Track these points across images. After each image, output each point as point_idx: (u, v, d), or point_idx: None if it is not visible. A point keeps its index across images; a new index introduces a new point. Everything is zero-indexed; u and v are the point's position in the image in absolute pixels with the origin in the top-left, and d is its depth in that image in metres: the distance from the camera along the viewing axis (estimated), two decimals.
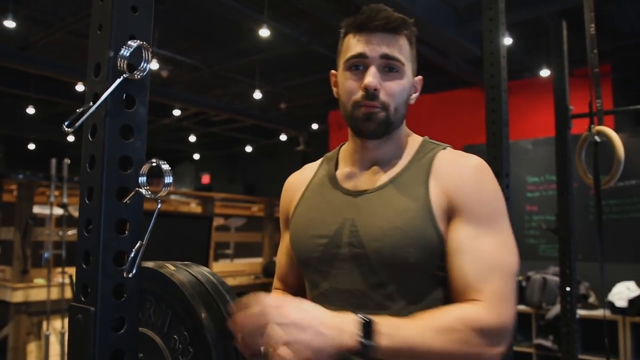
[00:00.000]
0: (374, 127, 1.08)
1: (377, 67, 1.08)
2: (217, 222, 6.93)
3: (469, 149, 1.21)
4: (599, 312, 5.02)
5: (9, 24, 5.42)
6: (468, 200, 1.03)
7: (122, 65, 0.64)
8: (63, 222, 4.45)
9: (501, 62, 2.01)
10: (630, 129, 5.89)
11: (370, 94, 1.06)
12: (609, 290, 5.15)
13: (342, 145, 1.26)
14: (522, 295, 5.46)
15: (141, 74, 0.65)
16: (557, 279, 4.97)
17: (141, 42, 0.65)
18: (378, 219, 1.05)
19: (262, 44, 6.26)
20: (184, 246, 5.08)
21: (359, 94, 1.08)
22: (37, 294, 4.40)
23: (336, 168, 1.20)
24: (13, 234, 4.48)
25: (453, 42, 5.57)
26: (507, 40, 5.34)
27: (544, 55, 6.00)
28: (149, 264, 0.77)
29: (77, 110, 0.64)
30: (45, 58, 6.88)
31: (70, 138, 11.31)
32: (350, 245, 1.06)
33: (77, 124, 0.64)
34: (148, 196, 0.65)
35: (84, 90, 0.69)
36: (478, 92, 6.76)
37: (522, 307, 5.38)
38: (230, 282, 6.20)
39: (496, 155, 1.97)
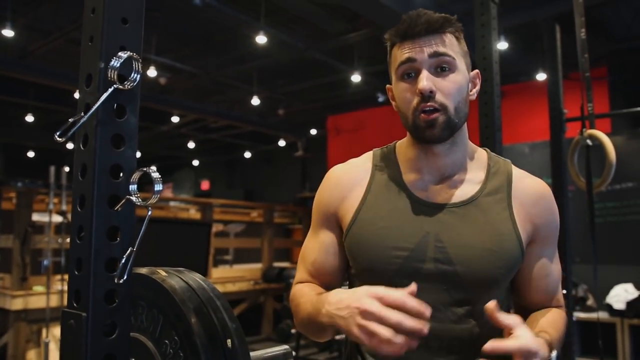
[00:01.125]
0: (439, 132, 1.05)
1: (428, 69, 1.05)
2: (217, 228, 6.94)
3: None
4: (596, 315, 5.02)
5: (8, 32, 5.45)
6: (548, 228, 1.15)
7: (112, 76, 0.65)
8: (62, 229, 4.46)
9: (494, 67, 2.03)
10: (627, 131, 5.91)
11: (427, 97, 1.04)
12: (607, 292, 5.16)
13: (394, 144, 1.21)
14: None
15: (131, 84, 0.67)
16: None
17: (131, 53, 0.67)
18: (468, 238, 1.06)
19: (259, 50, 6.29)
20: (184, 252, 5.09)
21: (416, 100, 1.05)
22: (37, 302, 4.40)
23: (399, 171, 1.15)
24: (12, 242, 4.50)
25: None
26: (502, 45, 5.37)
27: (540, 59, 6.03)
28: (142, 270, 0.78)
29: (69, 120, 0.66)
30: (44, 66, 6.92)
31: (69, 146, 11.31)
32: (436, 261, 1.05)
33: (69, 134, 0.65)
34: (139, 204, 0.66)
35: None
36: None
37: None
38: (230, 288, 6.20)
39: None
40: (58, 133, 0.64)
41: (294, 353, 0.99)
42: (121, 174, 0.67)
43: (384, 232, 1.08)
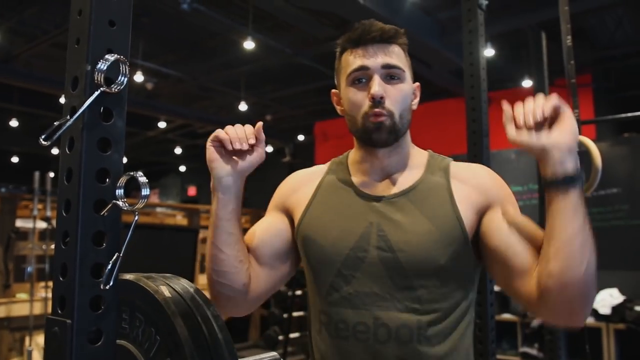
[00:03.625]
0: (385, 136, 1.11)
1: (379, 75, 1.11)
2: (204, 234, 6.89)
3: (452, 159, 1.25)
4: None
5: None
6: (501, 192, 1.14)
7: (99, 79, 0.64)
8: (46, 235, 4.40)
9: (481, 74, 2.04)
10: (611, 137, 5.98)
11: (377, 102, 1.09)
12: None
13: (348, 152, 1.28)
14: (507, 304, 5.49)
15: (119, 88, 0.66)
16: None
17: (118, 56, 0.66)
18: (406, 224, 1.09)
19: (247, 56, 6.29)
20: (170, 259, 5.05)
21: (367, 105, 1.11)
22: (20, 309, 4.33)
23: (347, 173, 1.22)
24: None
25: (436, 54, 5.64)
26: (489, 52, 5.42)
27: (526, 65, 6.09)
28: (128, 277, 0.77)
29: (55, 124, 0.65)
30: (29, 70, 6.85)
31: (55, 151, 11.22)
32: (378, 249, 1.08)
33: (54, 137, 0.64)
34: (125, 208, 0.65)
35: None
36: (461, 102, 6.83)
37: (507, 316, 5.41)
38: None
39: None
40: (43, 137, 0.63)
41: None
42: (108, 179, 0.66)
43: (331, 225, 1.14)
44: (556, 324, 1.08)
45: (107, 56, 0.66)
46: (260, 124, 1.08)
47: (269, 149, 10.76)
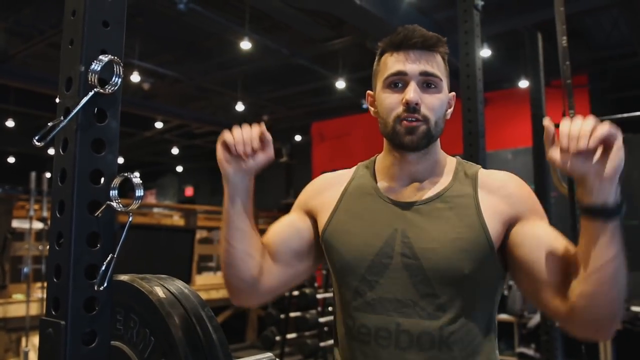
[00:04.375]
0: (417, 140, 1.10)
1: (416, 83, 1.11)
2: (201, 234, 6.90)
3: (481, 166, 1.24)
4: None
5: None
6: (529, 202, 1.12)
7: (93, 80, 0.64)
8: (43, 236, 4.39)
9: (477, 74, 2.04)
10: None
11: (412, 108, 1.09)
12: None
13: (376, 157, 1.27)
14: (504, 304, 5.50)
15: (112, 88, 0.66)
16: None
17: (112, 57, 0.66)
18: (432, 231, 1.08)
19: (244, 56, 6.28)
20: (167, 259, 5.05)
21: (400, 109, 1.10)
22: (16, 310, 4.32)
23: (374, 178, 1.21)
24: None
25: None
26: (485, 52, 5.43)
27: (522, 66, 6.10)
28: (122, 278, 0.77)
29: (49, 124, 0.65)
30: (25, 70, 6.83)
31: (51, 151, 11.19)
32: (402, 255, 1.08)
33: (48, 138, 0.64)
34: (119, 209, 0.65)
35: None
36: (458, 103, 6.85)
37: (504, 317, 5.42)
38: (214, 295, 6.15)
39: None
40: (37, 137, 0.63)
41: None
42: (102, 179, 0.66)
43: (356, 231, 1.13)
44: (582, 337, 1.08)
45: (101, 57, 0.65)
46: (261, 126, 1.10)
47: None
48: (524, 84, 6.36)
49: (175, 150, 11.85)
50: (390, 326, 1.06)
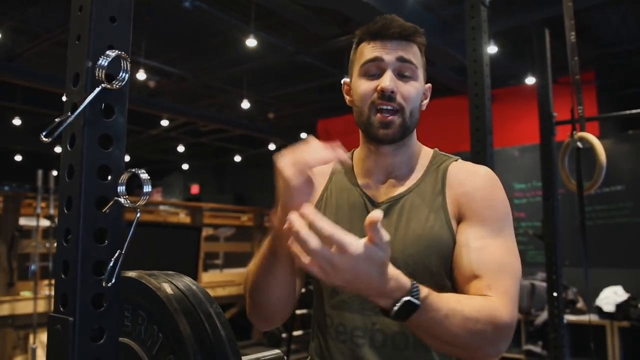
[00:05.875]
0: (392, 134, 1.10)
1: (392, 71, 1.10)
2: (206, 232, 6.91)
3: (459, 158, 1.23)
4: (587, 317, 5.05)
5: None
6: (477, 204, 1.08)
7: (100, 75, 0.64)
8: (50, 234, 4.41)
9: (484, 70, 2.03)
10: (615, 134, 5.96)
11: (387, 96, 1.08)
12: (597, 295, 5.18)
13: (353, 151, 1.26)
14: None
15: (120, 84, 0.66)
16: (545, 284, 5.00)
17: (120, 52, 0.65)
18: (401, 228, 1.09)
19: (249, 54, 6.28)
20: (173, 257, 5.05)
21: (375, 96, 1.09)
22: (24, 307, 4.35)
23: (353, 174, 1.21)
24: None
25: (439, 51, 5.62)
26: (492, 49, 5.40)
27: (529, 63, 6.07)
28: (130, 274, 0.76)
29: (56, 120, 0.64)
30: (32, 69, 6.85)
31: (58, 149, 11.24)
32: None
33: (55, 134, 0.64)
34: (127, 205, 0.64)
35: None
36: (463, 100, 6.83)
37: None
38: (220, 292, 6.16)
39: (481, 162, 1.97)
40: (44, 133, 0.63)
41: (284, 358, 0.98)
42: (109, 175, 0.65)
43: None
44: None
45: (108, 52, 0.65)
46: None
47: (272, 147, 10.76)
48: (530, 80, 6.33)
49: (181, 148, 11.87)
50: (366, 325, 1.07)
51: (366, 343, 1.06)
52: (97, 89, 0.64)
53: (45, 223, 4.45)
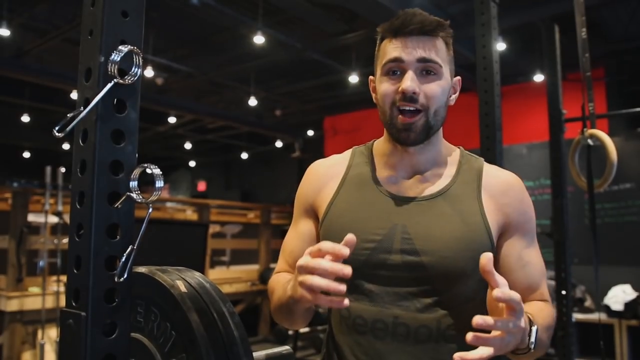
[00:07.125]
0: (414, 137, 1.09)
1: (414, 70, 1.07)
2: (213, 229, 6.92)
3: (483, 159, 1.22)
4: (595, 316, 5.02)
5: (4, 31, 5.42)
6: (521, 217, 1.13)
7: (112, 70, 0.64)
8: (58, 230, 4.43)
9: (494, 67, 2.02)
10: (625, 132, 5.92)
11: (409, 97, 1.06)
12: (605, 293, 5.16)
13: (373, 142, 1.24)
14: None
15: (132, 79, 0.65)
16: (553, 283, 4.98)
17: (132, 47, 0.65)
18: (434, 229, 1.07)
19: (256, 50, 6.27)
20: (180, 253, 5.06)
21: (397, 97, 1.08)
22: (32, 303, 4.37)
23: (373, 167, 1.19)
24: (8, 243, 4.47)
25: None
26: (501, 46, 5.37)
27: (538, 59, 6.03)
28: (141, 269, 0.76)
29: (68, 115, 0.64)
30: (40, 65, 6.88)
31: (66, 146, 11.29)
32: (402, 252, 1.07)
33: (67, 129, 0.64)
34: (139, 201, 0.64)
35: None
36: (473, 97, 6.80)
37: None
38: (227, 289, 6.17)
39: (490, 159, 1.97)
40: (57, 128, 0.63)
41: (294, 354, 0.97)
42: (121, 171, 0.65)
43: (354, 224, 1.11)
44: None
45: (120, 47, 0.65)
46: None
47: (279, 144, 10.76)
48: (539, 77, 6.29)
49: (188, 145, 11.89)
50: (387, 318, 1.06)
51: (388, 336, 1.06)
52: (110, 84, 0.64)
53: (53, 219, 4.46)
